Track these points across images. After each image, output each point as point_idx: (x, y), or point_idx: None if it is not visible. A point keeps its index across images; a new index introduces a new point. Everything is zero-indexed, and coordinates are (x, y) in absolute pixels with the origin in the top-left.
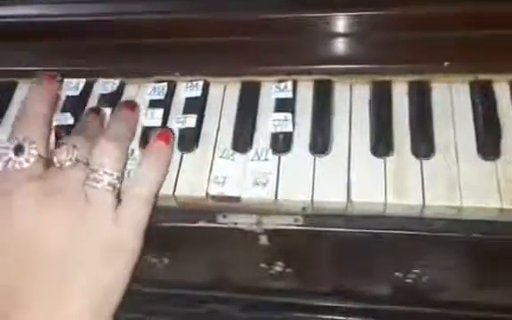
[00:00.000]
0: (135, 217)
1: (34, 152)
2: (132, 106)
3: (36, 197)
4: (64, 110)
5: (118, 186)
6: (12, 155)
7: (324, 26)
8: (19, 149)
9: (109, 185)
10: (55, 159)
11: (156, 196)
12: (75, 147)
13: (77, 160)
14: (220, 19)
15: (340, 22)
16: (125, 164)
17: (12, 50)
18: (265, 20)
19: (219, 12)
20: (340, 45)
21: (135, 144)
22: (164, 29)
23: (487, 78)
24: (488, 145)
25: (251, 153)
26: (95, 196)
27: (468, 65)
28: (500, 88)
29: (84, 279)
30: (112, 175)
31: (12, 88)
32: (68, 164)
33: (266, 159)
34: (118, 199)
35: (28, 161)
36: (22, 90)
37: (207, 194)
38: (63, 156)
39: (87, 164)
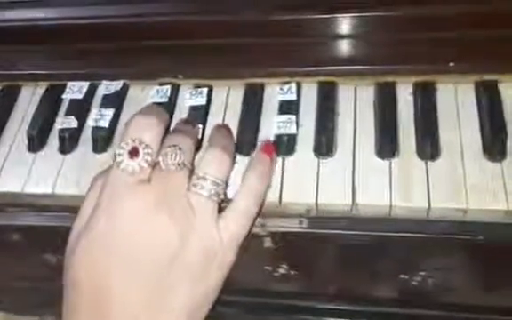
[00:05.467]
0: (238, 230)
1: (148, 158)
2: (228, 128)
3: (143, 203)
4: (67, 114)
5: (222, 196)
6: (125, 157)
7: (328, 27)
8: (134, 153)
9: (215, 194)
10: (161, 161)
11: (260, 209)
12: (180, 149)
13: (184, 164)
14: (223, 20)
15: (344, 23)
16: (230, 175)
17: (15, 53)
18: (268, 22)
19: (222, 13)
20: (343, 47)
21: None
22: (167, 32)
23: (492, 78)
24: (494, 146)
25: None
26: (200, 203)
27: (474, 65)
28: (506, 88)
29: (180, 296)
30: (218, 184)
31: (15, 92)
32: (173, 168)
33: None
34: (220, 208)
35: (140, 166)
36: (26, 93)
37: None
38: (170, 159)
39: (192, 169)
